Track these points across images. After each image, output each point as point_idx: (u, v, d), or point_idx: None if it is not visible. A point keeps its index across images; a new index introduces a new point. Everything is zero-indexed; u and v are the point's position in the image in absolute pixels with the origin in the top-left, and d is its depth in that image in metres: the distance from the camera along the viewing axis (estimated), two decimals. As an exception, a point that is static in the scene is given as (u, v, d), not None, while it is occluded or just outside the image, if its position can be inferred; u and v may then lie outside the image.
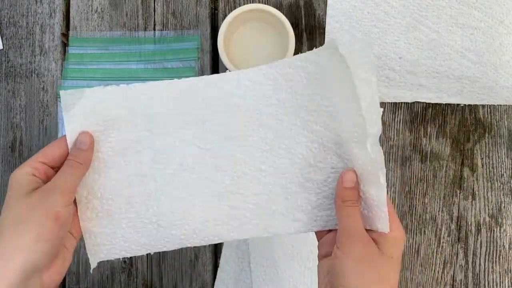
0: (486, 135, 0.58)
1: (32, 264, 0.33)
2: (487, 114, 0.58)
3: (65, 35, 0.61)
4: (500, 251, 0.57)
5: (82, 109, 0.39)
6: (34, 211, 0.35)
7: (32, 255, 0.33)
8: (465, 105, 0.58)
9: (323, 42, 0.59)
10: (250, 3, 0.60)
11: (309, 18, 0.59)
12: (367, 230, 0.37)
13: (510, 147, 0.58)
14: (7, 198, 0.36)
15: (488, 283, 0.57)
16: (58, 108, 0.59)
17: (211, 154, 0.39)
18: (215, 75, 0.39)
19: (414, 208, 0.57)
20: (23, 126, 0.60)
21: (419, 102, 0.58)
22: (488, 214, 0.57)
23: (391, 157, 0.58)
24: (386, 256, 0.36)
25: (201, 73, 0.59)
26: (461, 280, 0.57)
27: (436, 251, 0.57)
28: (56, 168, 0.39)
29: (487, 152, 0.58)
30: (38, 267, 0.34)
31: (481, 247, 0.57)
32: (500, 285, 0.57)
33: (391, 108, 0.59)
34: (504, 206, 0.57)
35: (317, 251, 0.40)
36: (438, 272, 0.57)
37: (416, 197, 0.58)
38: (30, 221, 0.34)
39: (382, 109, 0.58)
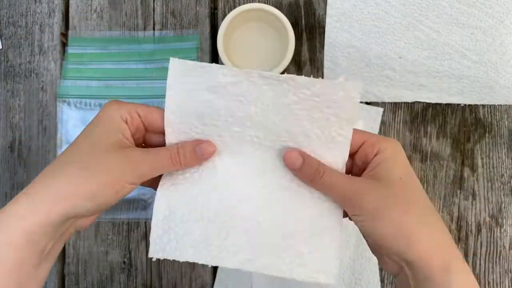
0: (487, 135, 0.58)
1: (75, 213, 0.33)
2: (487, 114, 0.58)
3: (65, 34, 0.61)
4: (500, 251, 0.57)
5: (185, 91, 0.36)
6: (106, 172, 0.33)
7: (77, 207, 0.32)
8: (465, 105, 0.58)
9: (323, 42, 0.59)
10: (250, 2, 0.59)
11: (309, 18, 0.59)
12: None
13: (511, 147, 0.58)
14: (91, 128, 0.35)
15: (488, 283, 0.56)
16: (58, 108, 0.59)
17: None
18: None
19: (414, 208, 0.57)
20: (22, 126, 0.59)
21: (419, 102, 0.58)
22: (489, 214, 0.57)
23: (391, 157, 0.58)
24: (395, 181, 0.34)
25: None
26: (461, 280, 0.57)
27: (436, 251, 0.57)
28: (147, 132, 0.37)
29: (488, 152, 0.58)
30: (78, 216, 0.34)
31: (481, 247, 0.57)
32: (500, 285, 0.56)
33: (391, 108, 0.58)
34: (504, 206, 0.57)
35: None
36: (438, 272, 0.57)
37: (416, 197, 0.57)
38: (96, 179, 0.33)
39: (382, 109, 0.58)
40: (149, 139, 0.39)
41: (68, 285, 0.58)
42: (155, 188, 0.38)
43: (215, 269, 0.57)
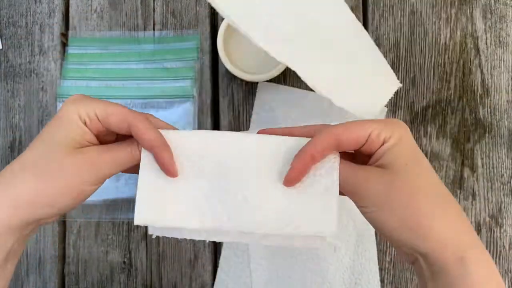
0: (486, 135, 0.58)
1: (35, 219, 0.33)
2: (487, 114, 0.58)
3: (65, 35, 0.61)
4: (500, 251, 0.57)
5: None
6: (64, 177, 0.33)
7: (37, 214, 0.33)
8: (465, 105, 0.58)
9: (323, 42, 0.59)
10: (250, 2, 0.59)
11: (309, 18, 0.59)
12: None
13: (510, 147, 0.58)
14: (48, 129, 0.34)
15: (488, 283, 0.56)
16: (58, 108, 0.59)
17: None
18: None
19: (414, 208, 0.57)
20: (23, 126, 0.60)
21: (419, 102, 0.58)
22: (488, 214, 0.57)
23: (391, 157, 0.58)
24: (400, 168, 0.33)
25: (201, 73, 0.59)
26: (461, 280, 0.56)
27: (436, 251, 0.57)
28: (107, 131, 0.36)
29: (487, 152, 0.58)
30: (40, 220, 0.34)
31: (481, 247, 0.57)
32: (500, 285, 0.56)
33: (391, 108, 0.58)
34: (504, 206, 0.57)
35: (317, 251, 0.40)
36: (438, 272, 0.57)
37: (416, 197, 0.57)
38: (53, 186, 0.32)
39: (386, 108, 0.58)
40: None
41: (68, 285, 0.58)
42: (137, 172, 0.36)
43: (215, 269, 0.57)
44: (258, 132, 0.38)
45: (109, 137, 0.38)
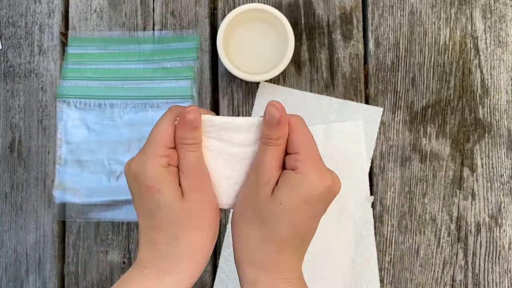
0: (486, 135, 0.58)
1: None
2: (487, 114, 0.58)
3: (64, 34, 0.61)
4: (500, 251, 0.57)
5: None
6: (208, 240, 0.37)
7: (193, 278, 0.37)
8: (465, 105, 0.58)
9: (323, 42, 0.59)
10: (250, 2, 0.59)
11: (308, 18, 0.59)
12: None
13: (510, 147, 0.58)
14: (156, 201, 0.35)
15: (488, 283, 0.57)
16: (57, 108, 0.59)
17: None
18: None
19: (413, 208, 0.57)
20: (22, 126, 0.60)
21: (418, 102, 0.58)
22: (488, 214, 0.57)
23: (390, 157, 0.58)
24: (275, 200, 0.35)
25: (201, 73, 0.59)
26: (460, 280, 0.57)
27: (436, 252, 0.57)
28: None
29: (487, 152, 0.58)
30: None
31: (480, 247, 0.57)
32: (499, 285, 0.57)
33: (390, 108, 0.58)
34: (504, 206, 0.57)
35: (315, 249, 0.40)
36: (437, 273, 0.57)
37: (415, 197, 0.57)
38: (209, 230, 0.37)
39: (381, 109, 0.58)
40: None
41: (68, 285, 0.58)
42: None
43: (214, 269, 0.57)
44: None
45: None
